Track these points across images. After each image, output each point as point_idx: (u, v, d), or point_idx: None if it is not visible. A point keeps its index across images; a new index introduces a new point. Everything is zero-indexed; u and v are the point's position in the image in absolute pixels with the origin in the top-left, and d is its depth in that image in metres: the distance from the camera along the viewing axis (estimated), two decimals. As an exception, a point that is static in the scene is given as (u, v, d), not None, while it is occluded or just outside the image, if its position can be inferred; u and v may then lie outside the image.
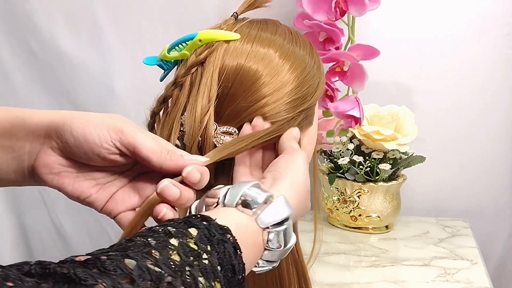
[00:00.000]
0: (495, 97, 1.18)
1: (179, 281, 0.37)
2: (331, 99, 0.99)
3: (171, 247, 0.39)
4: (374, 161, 1.08)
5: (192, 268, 0.38)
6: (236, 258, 0.42)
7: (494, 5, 1.13)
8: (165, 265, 0.37)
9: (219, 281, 0.40)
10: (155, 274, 0.36)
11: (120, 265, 0.35)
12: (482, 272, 0.97)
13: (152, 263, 0.36)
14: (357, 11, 0.95)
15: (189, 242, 0.40)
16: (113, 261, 0.35)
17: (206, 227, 0.41)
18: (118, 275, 0.34)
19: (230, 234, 0.42)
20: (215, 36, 0.60)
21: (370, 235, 1.13)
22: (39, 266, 0.32)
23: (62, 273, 0.32)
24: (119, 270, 0.34)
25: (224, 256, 0.41)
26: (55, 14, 1.15)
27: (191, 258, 0.39)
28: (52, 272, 0.32)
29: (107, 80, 1.17)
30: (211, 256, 0.40)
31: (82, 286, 0.32)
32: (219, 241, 0.41)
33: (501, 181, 1.23)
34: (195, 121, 0.58)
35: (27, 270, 0.32)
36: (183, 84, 0.61)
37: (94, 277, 0.33)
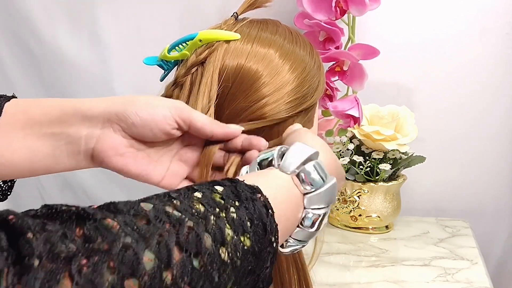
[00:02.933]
0: (495, 97, 1.18)
1: (201, 227, 0.34)
2: (330, 99, 0.99)
3: (193, 198, 0.37)
4: (374, 161, 1.08)
5: (217, 219, 0.36)
6: (267, 216, 0.39)
7: (494, 5, 1.13)
8: (186, 211, 0.35)
9: (249, 237, 0.37)
10: (174, 217, 0.34)
11: (135, 207, 0.33)
12: (482, 272, 0.97)
13: (171, 208, 0.34)
14: (358, 11, 0.95)
15: (215, 196, 0.38)
16: (127, 204, 0.33)
17: (234, 185, 0.40)
18: (131, 215, 0.32)
19: (260, 193, 0.40)
20: (215, 36, 0.60)
21: (370, 235, 1.13)
22: (45, 208, 0.31)
23: (69, 210, 0.30)
24: (132, 211, 0.33)
25: (254, 211, 0.38)
26: (55, 14, 1.15)
27: (216, 209, 0.36)
28: (59, 211, 0.30)
29: (107, 80, 1.17)
30: (239, 211, 0.37)
31: (90, 220, 0.30)
32: (248, 198, 0.39)
33: (501, 181, 1.23)
34: None
35: (33, 214, 0.30)
36: (183, 84, 0.61)
37: (104, 214, 0.31)
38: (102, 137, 0.51)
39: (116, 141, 0.51)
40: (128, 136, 0.52)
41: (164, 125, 0.52)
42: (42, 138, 0.51)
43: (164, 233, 0.32)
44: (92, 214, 0.30)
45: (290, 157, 0.46)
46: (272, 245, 0.39)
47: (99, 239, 0.29)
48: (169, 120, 0.52)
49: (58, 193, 1.24)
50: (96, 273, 0.28)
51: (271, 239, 0.38)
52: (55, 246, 0.28)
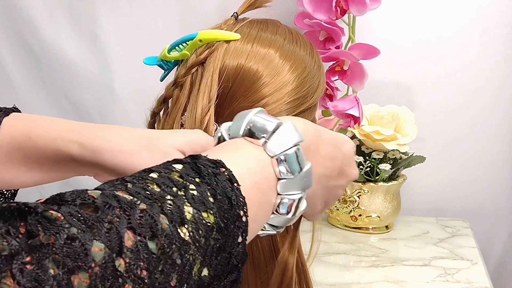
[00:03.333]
0: (495, 97, 1.18)
1: (156, 209, 0.32)
2: (330, 98, 0.99)
3: (149, 179, 0.34)
4: (374, 161, 1.08)
5: (175, 198, 0.33)
6: (232, 190, 0.36)
7: (494, 5, 1.13)
8: (138, 193, 0.33)
9: (212, 213, 0.35)
10: (125, 201, 0.31)
11: (81, 195, 0.31)
12: (482, 272, 0.97)
13: (122, 192, 0.32)
14: (358, 11, 0.95)
15: (173, 175, 0.35)
16: (73, 193, 0.31)
17: (194, 162, 0.37)
18: (77, 205, 0.30)
19: (224, 167, 0.37)
20: (216, 36, 0.60)
21: (370, 235, 1.13)
22: None
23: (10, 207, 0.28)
24: (79, 200, 0.30)
25: (217, 186, 0.36)
26: (56, 14, 1.15)
27: (173, 188, 0.34)
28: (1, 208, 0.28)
29: (107, 80, 1.17)
30: (200, 187, 0.35)
31: (31, 214, 0.28)
32: (210, 174, 0.36)
33: (501, 181, 1.23)
34: (195, 122, 0.58)
35: None
36: (183, 84, 0.61)
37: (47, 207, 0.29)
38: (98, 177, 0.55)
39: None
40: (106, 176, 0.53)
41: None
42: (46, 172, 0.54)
43: (114, 219, 0.30)
44: (33, 207, 0.28)
45: (279, 139, 0.43)
46: (241, 219, 0.36)
47: (42, 233, 0.27)
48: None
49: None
50: (40, 270, 0.26)
51: (238, 213, 0.36)
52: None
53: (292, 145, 0.43)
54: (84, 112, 1.20)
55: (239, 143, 0.43)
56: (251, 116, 0.44)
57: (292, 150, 0.43)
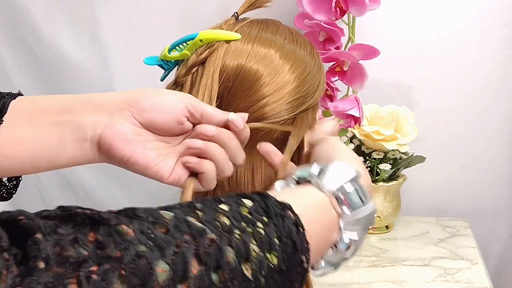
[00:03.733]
0: (495, 97, 1.18)
1: (224, 241, 0.32)
2: (330, 99, 0.99)
3: (220, 210, 0.35)
4: (374, 161, 1.08)
5: (243, 233, 0.33)
6: (298, 234, 0.36)
7: (494, 5, 1.13)
8: (209, 223, 0.33)
9: (276, 255, 0.34)
10: (195, 228, 0.31)
11: (154, 214, 0.31)
12: (482, 272, 0.97)
13: (193, 218, 0.32)
14: (358, 11, 0.95)
15: (242, 210, 0.35)
16: (147, 210, 0.31)
17: (263, 201, 0.37)
18: (149, 222, 0.30)
19: (291, 211, 0.37)
20: (216, 36, 0.60)
21: (370, 235, 1.13)
22: (60, 209, 0.29)
23: (84, 214, 0.29)
24: (151, 218, 0.31)
25: (283, 229, 0.36)
26: (56, 14, 1.14)
27: (243, 224, 0.34)
28: (73, 214, 0.29)
29: (107, 80, 1.17)
30: (268, 227, 0.35)
31: (104, 226, 0.29)
32: (277, 214, 0.36)
33: (501, 181, 1.23)
34: None
35: (46, 215, 0.29)
36: (183, 84, 0.61)
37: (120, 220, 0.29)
38: (111, 123, 0.49)
39: (125, 127, 0.49)
40: (138, 123, 0.50)
41: (175, 111, 0.50)
42: (48, 127, 0.50)
43: (182, 244, 0.30)
44: (107, 219, 0.29)
45: (331, 176, 0.43)
46: (302, 265, 0.36)
47: (112, 246, 0.28)
48: (180, 106, 0.51)
49: (58, 193, 1.24)
50: (105, 282, 0.27)
51: (301, 258, 0.36)
52: (65, 250, 0.27)
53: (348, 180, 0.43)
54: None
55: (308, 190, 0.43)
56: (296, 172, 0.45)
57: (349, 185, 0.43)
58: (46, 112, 0.50)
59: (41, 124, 0.50)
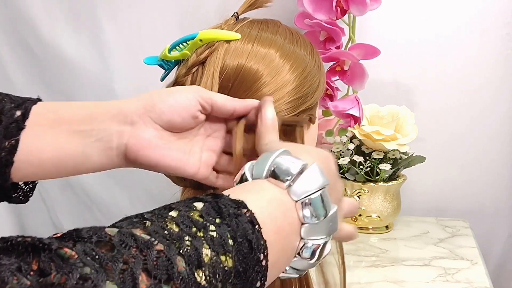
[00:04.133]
0: (495, 97, 1.18)
1: (173, 250, 0.31)
2: (331, 98, 0.99)
3: (168, 217, 0.33)
4: (374, 161, 1.08)
5: (193, 239, 0.32)
6: (253, 233, 0.35)
7: (494, 5, 1.13)
8: (156, 233, 0.31)
9: (231, 256, 0.33)
10: (142, 241, 0.30)
11: (98, 232, 0.30)
12: (482, 272, 0.97)
13: (140, 231, 0.31)
14: (358, 11, 0.95)
15: (193, 214, 0.34)
16: (90, 230, 0.30)
17: (216, 201, 0.36)
18: (93, 242, 0.29)
19: (245, 209, 0.36)
20: (216, 36, 0.60)
21: (370, 235, 1.13)
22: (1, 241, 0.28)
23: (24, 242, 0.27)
24: (95, 237, 0.29)
25: (237, 229, 0.35)
26: (56, 14, 1.14)
27: (193, 229, 0.33)
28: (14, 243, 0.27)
29: (108, 80, 1.17)
30: (220, 229, 0.34)
31: (45, 251, 0.27)
32: (230, 214, 0.35)
33: (501, 181, 1.23)
34: None
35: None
36: (183, 84, 0.61)
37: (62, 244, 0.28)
38: (134, 132, 0.51)
39: (149, 134, 0.51)
40: (159, 127, 0.52)
41: (190, 108, 0.52)
42: (71, 136, 0.50)
43: (130, 260, 0.29)
44: (47, 244, 0.27)
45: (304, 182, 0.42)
46: (260, 264, 0.35)
47: (54, 272, 0.26)
48: (194, 102, 0.52)
49: (58, 193, 1.24)
50: None
51: (258, 257, 0.35)
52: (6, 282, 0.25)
53: (317, 189, 0.41)
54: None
55: (262, 185, 0.42)
56: (275, 158, 0.43)
57: (317, 194, 0.41)
58: (68, 121, 0.51)
59: (64, 133, 0.50)
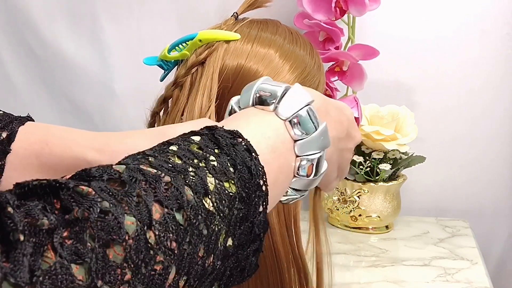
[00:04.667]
0: (495, 97, 1.18)
1: (180, 181, 0.32)
2: (331, 99, 0.99)
3: (169, 152, 0.35)
4: (374, 161, 1.08)
5: (197, 169, 0.34)
6: (251, 160, 0.37)
7: (494, 5, 1.13)
8: (161, 166, 0.33)
9: (233, 183, 0.35)
10: (150, 175, 0.32)
11: (107, 170, 0.31)
12: (482, 272, 0.97)
13: (145, 166, 0.33)
14: (357, 11, 0.95)
15: (192, 147, 0.36)
16: (99, 168, 0.31)
17: (212, 133, 0.37)
18: (104, 180, 0.30)
19: (241, 138, 0.38)
20: (215, 36, 0.60)
21: (370, 235, 1.13)
22: (18, 187, 0.29)
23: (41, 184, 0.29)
24: (105, 175, 0.31)
25: (236, 157, 0.36)
26: (56, 14, 1.15)
27: (195, 160, 0.34)
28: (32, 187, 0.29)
29: (107, 80, 1.17)
30: (220, 158, 0.35)
31: (63, 190, 0.28)
32: (228, 144, 0.37)
33: (501, 181, 1.23)
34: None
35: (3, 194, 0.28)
36: (183, 84, 0.61)
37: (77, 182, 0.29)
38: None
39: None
40: None
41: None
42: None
43: (141, 193, 0.31)
44: (64, 183, 0.29)
45: (289, 101, 0.43)
46: (261, 188, 0.37)
47: (76, 208, 0.28)
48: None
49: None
50: (79, 244, 0.27)
51: (258, 182, 0.37)
52: (37, 219, 0.27)
53: (303, 106, 0.43)
54: (84, 112, 1.20)
55: (251, 112, 0.44)
56: (259, 85, 0.44)
57: (304, 111, 0.43)
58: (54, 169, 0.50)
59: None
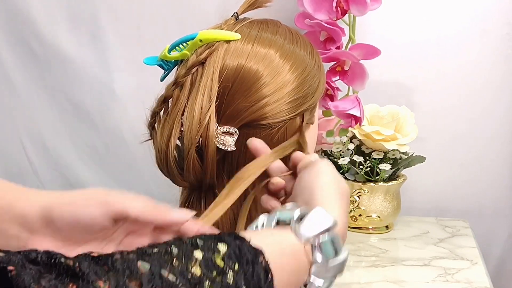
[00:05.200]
0: (495, 97, 1.18)
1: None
2: (331, 99, 0.99)
3: (193, 258, 0.37)
4: (374, 161, 1.08)
5: (213, 284, 0.36)
6: (265, 282, 0.39)
7: (494, 5, 1.13)
8: (182, 275, 0.35)
9: None
10: (168, 282, 0.34)
11: (131, 266, 0.33)
12: (482, 272, 0.97)
13: (167, 271, 0.35)
14: (358, 11, 0.95)
15: (216, 257, 0.38)
16: (124, 261, 0.33)
17: (238, 245, 0.39)
18: (126, 276, 0.32)
19: (262, 256, 0.40)
20: (216, 36, 0.60)
21: (370, 235, 1.13)
22: (45, 255, 0.31)
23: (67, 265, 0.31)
24: (127, 271, 0.33)
25: (252, 278, 0.38)
26: (56, 14, 1.14)
27: (213, 273, 0.37)
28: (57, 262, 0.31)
29: (108, 80, 1.17)
30: (237, 276, 0.37)
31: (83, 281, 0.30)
32: (248, 262, 0.39)
33: (501, 181, 1.23)
34: (194, 121, 0.58)
35: (33, 258, 0.31)
36: (183, 84, 0.61)
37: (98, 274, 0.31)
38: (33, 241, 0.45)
39: (48, 245, 0.45)
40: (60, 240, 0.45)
41: (95, 225, 0.45)
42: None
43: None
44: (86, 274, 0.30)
45: (309, 224, 0.44)
46: None
47: None
48: (100, 219, 0.45)
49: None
50: None
51: None
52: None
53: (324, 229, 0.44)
54: (84, 112, 1.20)
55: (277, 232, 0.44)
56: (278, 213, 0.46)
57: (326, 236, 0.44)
58: None
59: None
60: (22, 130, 1.23)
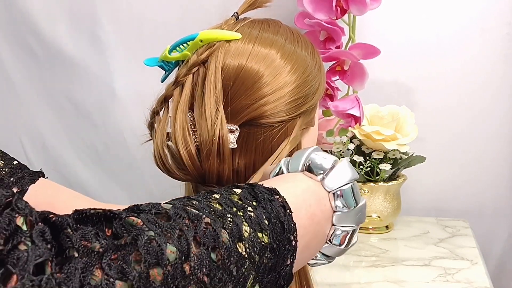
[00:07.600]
0: (495, 97, 1.18)
1: (218, 224, 0.36)
2: (331, 98, 0.99)
3: (212, 199, 0.39)
4: (375, 161, 1.08)
5: (234, 217, 0.37)
6: (285, 215, 0.40)
7: (494, 5, 1.13)
8: (204, 209, 0.37)
9: (266, 234, 0.38)
10: (193, 214, 0.35)
11: (156, 206, 0.35)
12: (482, 272, 0.97)
13: (190, 206, 0.36)
14: (358, 10, 0.95)
15: (233, 197, 0.40)
16: (149, 204, 0.35)
17: (252, 188, 0.41)
18: (152, 213, 0.34)
19: (278, 195, 0.41)
20: (216, 36, 0.60)
21: (370, 235, 1.13)
22: (76, 213, 0.33)
23: (98, 213, 0.33)
24: (154, 210, 0.35)
25: (271, 211, 0.40)
26: (56, 14, 1.14)
27: (234, 208, 0.38)
28: (88, 215, 0.33)
29: (108, 81, 1.17)
30: (257, 210, 0.39)
31: (116, 219, 0.33)
32: (265, 199, 0.40)
33: (501, 181, 1.23)
34: (207, 122, 0.57)
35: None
36: (184, 84, 0.60)
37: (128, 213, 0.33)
38: None
39: None
40: None
41: None
42: None
43: (184, 228, 0.34)
44: (117, 214, 0.33)
45: (336, 175, 0.47)
46: (291, 243, 0.40)
47: (125, 235, 0.32)
48: None
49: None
50: (125, 264, 0.31)
51: (289, 237, 0.40)
52: (90, 242, 0.31)
53: (347, 181, 0.47)
54: (84, 112, 1.20)
55: (298, 177, 0.47)
56: (310, 154, 0.49)
57: (348, 186, 0.47)
58: None
59: None
60: (22, 130, 1.23)
